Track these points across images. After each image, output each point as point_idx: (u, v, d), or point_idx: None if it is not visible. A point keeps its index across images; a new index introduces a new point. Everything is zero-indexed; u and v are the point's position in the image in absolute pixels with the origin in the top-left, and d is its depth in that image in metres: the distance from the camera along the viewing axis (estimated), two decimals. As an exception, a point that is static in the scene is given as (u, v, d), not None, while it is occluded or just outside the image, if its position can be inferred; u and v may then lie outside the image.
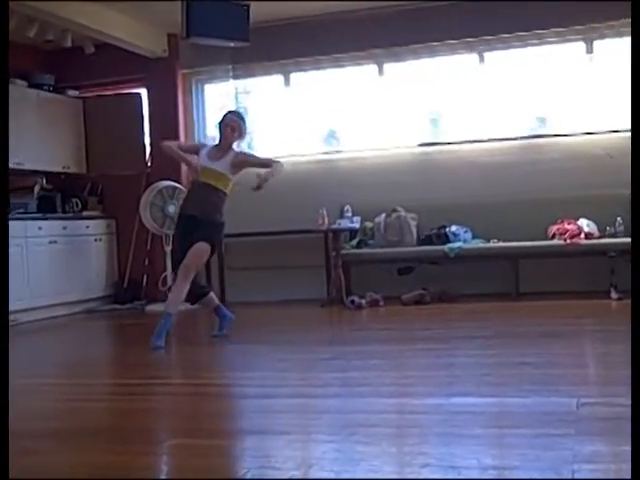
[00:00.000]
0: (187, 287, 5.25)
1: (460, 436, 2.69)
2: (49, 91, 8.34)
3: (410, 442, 2.69)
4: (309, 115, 8.29)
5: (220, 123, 5.55)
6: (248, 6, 6.89)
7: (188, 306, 7.32)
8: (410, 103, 7.98)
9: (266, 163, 5.57)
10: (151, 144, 8.57)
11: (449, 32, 7.61)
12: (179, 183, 8.04)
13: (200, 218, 5.34)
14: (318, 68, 8.23)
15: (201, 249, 5.29)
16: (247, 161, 5.61)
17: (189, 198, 5.59)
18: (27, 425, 3.28)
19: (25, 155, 7.85)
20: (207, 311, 5.77)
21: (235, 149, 5.57)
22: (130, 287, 8.34)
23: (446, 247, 7.20)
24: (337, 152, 8.23)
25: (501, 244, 7.18)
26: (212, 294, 5.69)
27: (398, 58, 7.93)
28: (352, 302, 6.96)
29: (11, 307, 7.05)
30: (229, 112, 5.75)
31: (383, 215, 7.62)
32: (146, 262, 8.38)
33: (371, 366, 4.29)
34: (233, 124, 5.49)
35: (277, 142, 8.40)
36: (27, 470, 2.57)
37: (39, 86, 8.22)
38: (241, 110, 8.58)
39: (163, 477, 2.57)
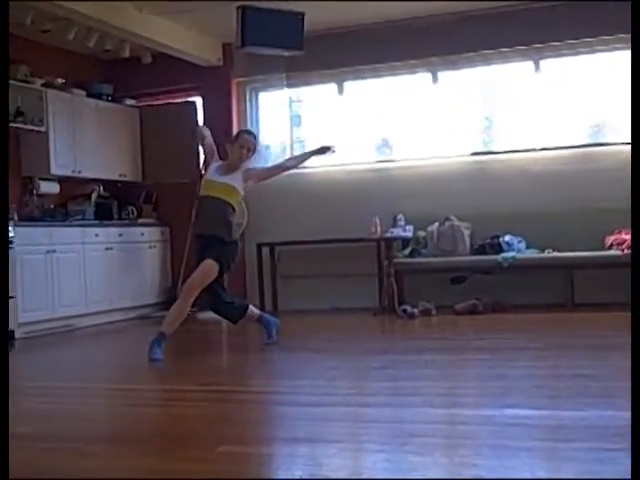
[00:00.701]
0: (188, 307, 5.16)
1: (513, 448, 2.66)
2: (107, 100, 8.50)
3: (462, 453, 2.66)
4: (362, 124, 8.29)
5: (234, 142, 5.41)
6: (303, 15, 6.92)
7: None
8: (464, 111, 7.93)
9: (278, 167, 5.73)
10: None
11: (504, 40, 7.55)
12: (233, 191, 8.10)
13: (210, 236, 5.20)
14: (371, 76, 8.24)
15: (206, 267, 5.12)
16: (259, 174, 5.54)
17: (198, 216, 5.42)
18: (83, 428, 3.35)
19: (83, 163, 8.01)
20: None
21: (246, 165, 5.45)
22: (183, 294, 8.42)
23: (500, 257, 7.13)
24: (390, 161, 8.21)
25: (556, 254, 7.07)
26: (251, 307, 5.55)
27: (453, 66, 7.90)
28: (404, 311, 6.93)
29: (68, 312, 7.24)
30: (244, 131, 5.69)
31: (436, 224, 7.58)
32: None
33: (423, 376, 4.26)
34: (250, 145, 5.37)
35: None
36: (83, 472, 2.61)
37: (98, 95, 8.38)
38: (295, 118, 8.67)
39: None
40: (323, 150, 5.82)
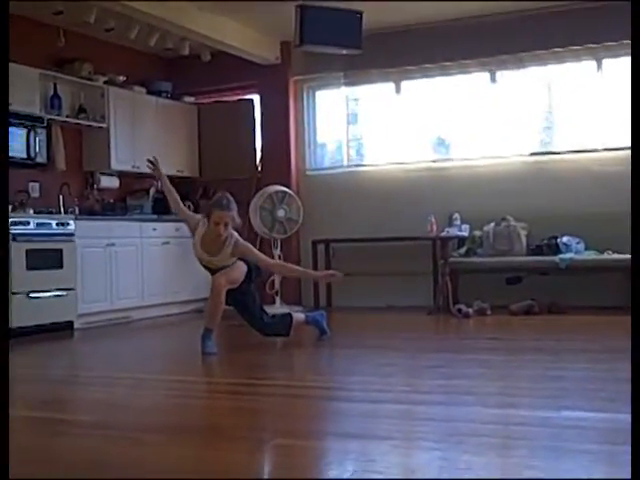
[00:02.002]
0: (221, 300, 5.07)
1: (570, 451, 2.62)
2: (166, 98, 8.62)
3: (518, 454, 2.63)
4: (419, 123, 8.25)
5: (209, 216, 5.03)
6: (361, 13, 6.92)
7: (294, 309, 7.40)
8: (523, 111, 7.84)
9: (263, 264, 5.23)
10: (262, 149, 8.74)
11: (565, 39, 7.45)
12: (289, 188, 8.15)
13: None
14: (429, 75, 8.20)
15: (240, 266, 5.15)
16: (245, 256, 5.14)
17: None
18: (138, 418, 3.41)
19: (142, 159, 8.08)
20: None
21: (232, 235, 5.08)
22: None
23: (557, 258, 7.03)
24: (447, 160, 8.16)
25: (615, 256, 6.95)
26: (294, 315, 5.50)
27: (512, 66, 7.81)
28: (459, 310, 6.89)
29: (125, 305, 7.37)
30: (215, 206, 5.03)
31: (492, 224, 7.51)
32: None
33: (477, 375, 4.23)
34: (226, 220, 4.97)
35: (386, 149, 8.41)
36: (139, 460, 2.66)
37: (157, 93, 8.51)
38: (352, 117, 8.67)
39: (265, 477, 2.61)
40: (327, 277, 5.73)
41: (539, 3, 7.33)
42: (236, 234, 5.14)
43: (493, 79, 7.93)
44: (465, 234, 7.62)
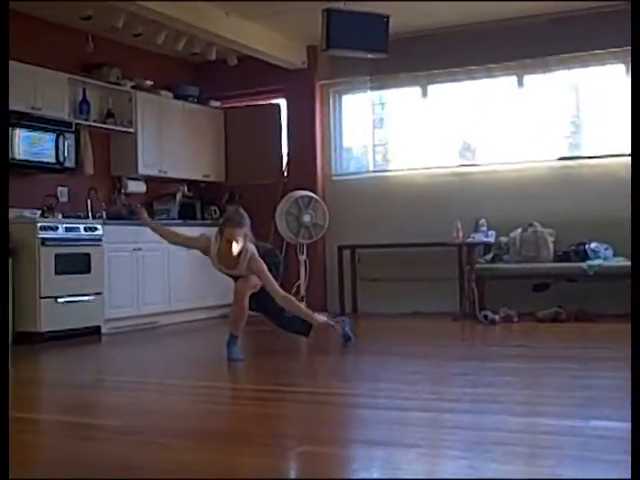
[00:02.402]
0: (244, 306, 5.10)
1: (598, 461, 2.59)
2: (193, 102, 8.67)
3: (546, 464, 2.61)
4: (445, 127, 8.23)
5: (221, 232, 4.98)
6: (388, 17, 6.91)
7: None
8: (550, 115, 7.78)
9: (272, 291, 5.03)
10: (288, 154, 8.75)
11: (593, 42, 7.39)
12: (315, 193, 8.15)
13: None
14: (455, 80, 8.17)
15: (239, 284, 5.16)
16: (258, 275, 5.03)
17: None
18: (165, 423, 3.42)
19: (169, 164, 8.19)
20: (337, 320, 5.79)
21: (247, 250, 5.01)
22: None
23: (585, 264, 6.97)
24: (473, 165, 8.13)
25: (645, 263, 6.86)
26: (315, 316, 5.34)
27: (539, 69, 7.76)
28: (485, 317, 6.85)
29: (152, 310, 7.40)
30: (226, 224, 4.99)
31: (519, 230, 7.47)
32: (280, 270, 8.50)
33: (504, 383, 4.20)
34: (237, 237, 4.91)
35: (412, 154, 8.39)
36: (167, 465, 2.67)
37: (184, 97, 8.56)
38: (377, 121, 8.66)
39: (291, 481, 2.62)
40: (325, 328, 5.32)
41: (570, 4, 7.27)
42: (252, 248, 5.07)
43: (520, 83, 7.88)
44: (491, 240, 7.58)
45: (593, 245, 7.13)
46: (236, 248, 4.94)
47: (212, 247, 5.12)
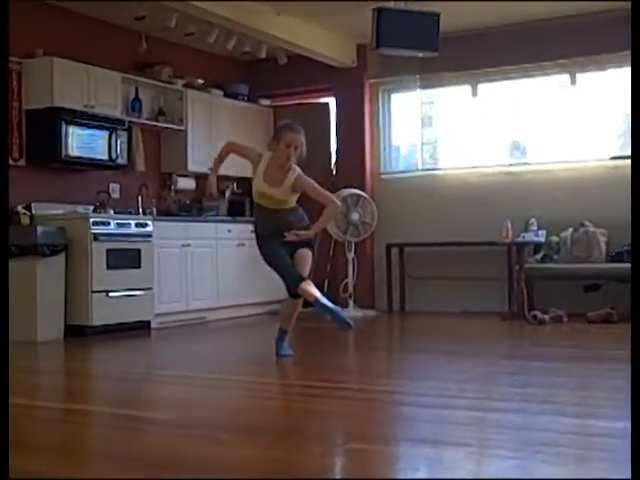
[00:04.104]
0: (300, 303, 5.01)
1: (652, 464, 2.55)
2: (243, 100, 8.72)
3: (598, 466, 2.57)
4: (495, 126, 8.16)
5: (278, 138, 4.87)
6: (438, 16, 6.87)
7: (367, 313, 7.42)
8: (603, 114, 7.66)
9: (324, 199, 4.97)
10: (337, 152, 8.76)
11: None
12: (364, 191, 8.15)
13: (286, 229, 4.89)
14: (506, 78, 8.09)
15: (307, 255, 5.03)
16: (305, 190, 4.94)
17: (263, 223, 5.04)
18: (213, 417, 3.46)
19: (219, 161, 8.23)
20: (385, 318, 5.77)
21: (295, 169, 4.91)
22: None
23: (638, 265, 6.84)
24: (523, 164, 8.04)
25: (700, 264, 6.72)
26: (309, 287, 5.01)
27: (592, 68, 7.64)
28: (534, 317, 6.78)
29: (200, 305, 7.47)
30: (286, 128, 4.92)
31: (570, 229, 7.37)
32: (328, 268, 8.53)
33: (554, 384, 4.15)
34: (297, 143, 4.82)
35: (462, 153, 8.34)
36: (217, 459, 2.69)
37: (234, 95, 8.61)
38: (426, 119, 8.63)
39: (338, 477, 2.62)
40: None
41: (624, 3, 7.14)
42: (298, 169, 4.94)
43: (573, 81, 7.77)
44: (542, 240, 7.48)
45: (647, 246, 6.99)
46: (293, 154, 4.82)
47: (262, 160, 4.95)
